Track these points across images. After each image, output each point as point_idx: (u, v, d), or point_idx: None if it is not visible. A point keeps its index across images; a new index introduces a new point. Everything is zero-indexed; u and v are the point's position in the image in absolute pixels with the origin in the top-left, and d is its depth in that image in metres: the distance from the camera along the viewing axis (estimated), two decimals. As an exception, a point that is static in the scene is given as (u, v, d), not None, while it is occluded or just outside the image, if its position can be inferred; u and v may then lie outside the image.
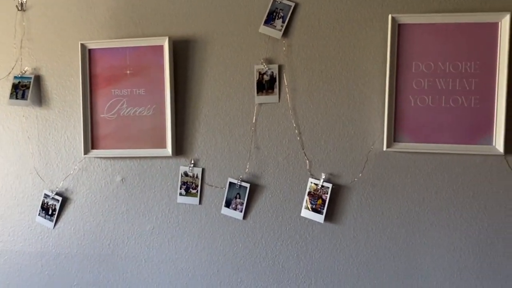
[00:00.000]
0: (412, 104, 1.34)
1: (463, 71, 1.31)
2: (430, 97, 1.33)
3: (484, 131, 1.30)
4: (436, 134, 1.33)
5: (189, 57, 1.51)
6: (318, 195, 1.40)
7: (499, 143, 1.28)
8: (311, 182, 1.42)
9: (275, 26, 1.44)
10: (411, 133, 1.34)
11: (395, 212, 1.37)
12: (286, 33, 1.43)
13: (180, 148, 1.52)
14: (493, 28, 1.28)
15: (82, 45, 1.55)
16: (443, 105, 1.32)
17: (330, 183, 1.40)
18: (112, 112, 1.56)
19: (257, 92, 1.47)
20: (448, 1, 1.32)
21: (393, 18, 1.32)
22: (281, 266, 1.45)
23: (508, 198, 1.30)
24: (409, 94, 1.34)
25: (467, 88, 1.31)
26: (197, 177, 1.51)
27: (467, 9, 1.31)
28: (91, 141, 1.57)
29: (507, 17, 1.25)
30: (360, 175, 1.38)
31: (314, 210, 1.40)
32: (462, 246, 1.33)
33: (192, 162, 1.51)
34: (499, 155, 1.29)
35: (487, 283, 1.32)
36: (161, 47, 1.51)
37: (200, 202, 1.51)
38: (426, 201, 1.35)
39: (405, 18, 1.33)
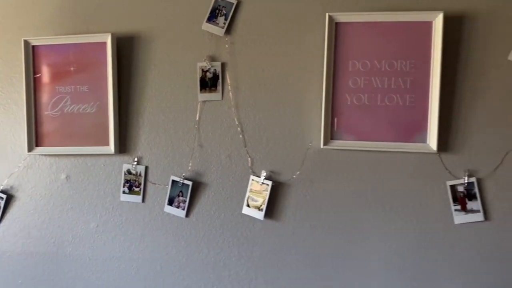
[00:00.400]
0: (349, 103, 1.35)
1: (398, 69, 1.32)
2: (366, 95, 1.34)
3: (418, 129, 1.32)
4: (372, 132, 1.34)
5: (133, 54, 1.50)
6: (259, 192, 1.41)
7: (433, 141, 1.30)
8: (253, 180, 1.42)
9: (218, 24, 1.44)
10: (347, 131, 1.36)
11: (332, 209, 1.38)
12: (229, 31, 1.43)
13: (123, 145, 1.51)
14: (427, 27, 1.30)
15: (26, 42, 1.53)
16: (378, 103, 1.34)
17: (270, 180, 1.40)
18: (56, 109, 1.55)
19: (200, 90, 1.46)
20: (381, 0, 1.33)
21: (330, 17, 1.33)
22: (222, 263, 1.46)
23: (441, 194, 1.32)
24: (345, 93, 1.35)
25: (402, 87, 1.32)
26: (140, 175, 1.51)
27: (402, 8, 1.32)
28: (36, 139, 1.56)
29: (440, 16, 1.27)
30: (298, 172, 1.39)
31: (255, 207, 1.40)
32: (398, 243, 1.35)
33: (136, 159, 1.51)
34: (433, 153, 1.30)
35: (421, 279, 1.34)
36: (104, 44, 1.49)
37: (143, 200, 1.50)
38: (362, 198, 1.36)
39: (342, 17, 1.33)
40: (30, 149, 1.55)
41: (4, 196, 1.59)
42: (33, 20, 1.55)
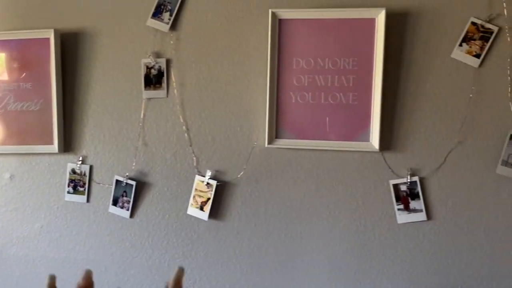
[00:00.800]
0: (293, 101, 1.33)
1: (341, 67, 1.31)
2: (310, 93, 1.32)
3: (361, 128, 1.30)
4: (316, 130, 1.33)
5: (78, 50, 1.47)
6: (204, 192, 1.38)
7: (375, 140, 1.28)
8: (198, 179, 1.39)
9: (163, 19, 1.41)
10: (292, 130, 1.34)
11: (277, 208, 1.36)
12: (174, 27, 1.40)
13: (68, 144, 1.48)
14: (370, 24, 1.28)
15: (-34, 37, 1.48)
16: (322, 101, 1.32)
17: (216, 180, 1.38)
18: (-1, 107, 1.50)
19: (145, 87, 1.43)
20: (327, -4, 1.31)
21: (273, 13, 1.31)
22: (167, 264, 1.43)
23: (384, 193, 1.30)
24: (290, 91, 1.33)
25: (346, 85, 1.31)
26: (84, 174, 1.47)
27: (346, 4, 1.30)
28: (-21, 137, 1.51)
29: (383, 12, 1.25)
30: (243, 172, 1.36)
31: (200, 207, 1.38)
32: (341, 242, 1.34)
33: (80, 159, 1.47)
34: (375, 152, 1.29)
35: (364, 279, 1.33)
36: (47, 40, 1.46)
37: (88, 200, 1.47)
38: (307, 197, 1.35)
39: (285, 13, 1.31)
40: (-28, 148, 1.50)
41: None
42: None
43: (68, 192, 1.48)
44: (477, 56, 1.25)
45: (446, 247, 1.29)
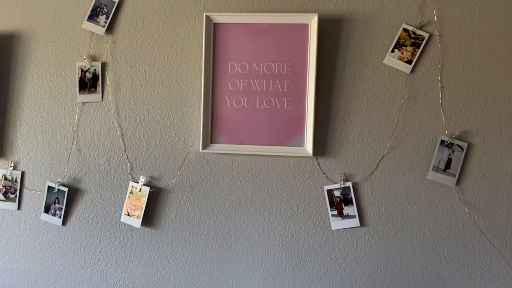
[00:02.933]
0: (228, 105, 1.31)
1: (276, 72, 1.30)
2: (245, 98, 1.31)
3: (296, 133, 1.29)
4: (251, 135, 1.31)
5: (12, 53, 1.43)
6: (137, 198, 1.35)
7: (309, 145, 1.27)
8: (132, 186, 1.36)
9: (99, 22, 1.38)
10: (227, 135, 1.31)
11: (212, 215, 1.33)
12: (110, 30, 1.38)
13: (-1, 149, 1.42)
14: (303, 29, 1.28)
15: None
16: (257, 106, 1.31)
17: (149, 186, 1.34)
18: None
19: (79, 91, 1.40)
20: (263, 1, 1.30)
21: (207, 17, 1.29)
22: (99, 274, 1.38)
23: (319, 199, 1.29)
24: (225, 95, 1.31)
25: (280, 90, 1.30)
26: (16, 180, 1.42)
27: (280, 9, 1.30)
28: None
29: (315, 18, 1.25)
30: (176, 178, 1.33)
31: (133, 215, 1.34)
32: (276, 249, 1.32)
33: (12, 164, 1.42)
34: (309, 157, 1.28)
35: (298, 284, 1.31)
36: (-22, 42, 1.40)
37: (19, 208, 1.42)
38: (242, 204, 1.32)
39: (220, 17, 1.30)
40: None
41: None
42: None
43: (-2, 199, 1.42)
44: (409, 62, 1.26)
45: (379, 253, 1.28)
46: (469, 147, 1.25)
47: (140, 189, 1.34)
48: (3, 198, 1.43)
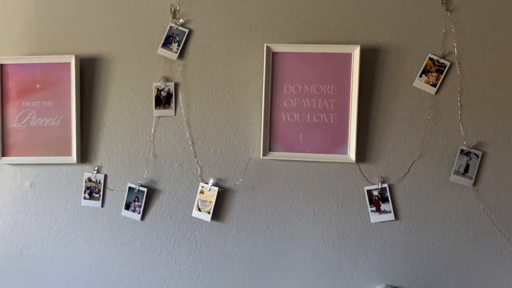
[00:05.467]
0: (284, 120, 1.59)
1: (324, 93, 1.57)
2: (298, 114, 1.58)
3: (341, 143, 1.57)
4: (303, 145, 1.58)
5: (95, 73, 1.68)
6: (207, 197, 1.61)
7: (352, 153, 1.54)
8: (202, 186, 1.62)
9: (172, 49, 1.65)
10: (283, 144, 1.59)
11: (270, 211, 1.60)
12: (181, 55, 1.64)
13: (84, 156, 1.68)
14: (347, 57, 1.55)
15: (-6, 60, 1.67)
16: (308, 121, 1.58)
17: (217, 186, 1.61)
18: (22, 122, 1.69)
19: (155, 106, 1.66)
20: (313, 33, 1.58)
21: (267, 47, 1.56)
22: (173, 261, 1.64)
23: (360, 198, 1.56)
24: (281, 111, 1.58)
25: (327, 107, 1.57)
26: (99, 182, 1.68)
27: (328, 41, 1.57)
28: (2, 149, 1.69)
29: (358, 49, 1.52)
30: (241, 179, 1.60)
31: (203, 211, 1.61)
32: (323, 240, 1.59)
33: (96, 168, 1.68)
34: (352, 163, 1.55)
35: (343, 271, 1.58)
36: (68, 64, 1.66)
37: (102, 205, 1.67)
38: (295, 202, 1.59)
39: (278, 47, 1.57)
40: (-4, 159, 1.68)
41: (-30, 203, 1.71)
42: (3, 40, 1.70)
43: (84, 198, 1.68)
44: (434, 85, 1.55)
45: (410, 242, 1.56)
46: (484, 155, 1.53)
47: (210, 189, 1.61)
48: (88, 197, 1.68)
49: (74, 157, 1.65)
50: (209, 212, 1.60)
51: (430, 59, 1.54)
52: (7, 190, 1.70)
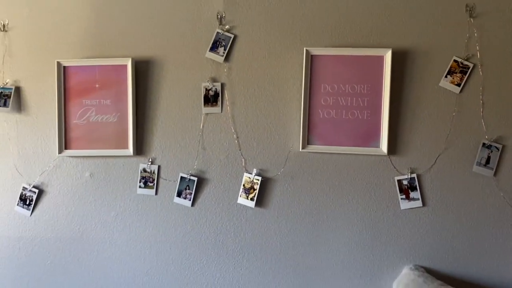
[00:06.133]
0: (321, 116, 1.76)
1: (358, 91, 1.74)
2: (334, 111, 1.75)
3: (373, 137, 1.73)
4: (338, 139, 1.75)
5: (148, 74, 1.86)
6: (251, 186, 1.79)
7: (384, 146, 1.71)
8: (246, 176, 1.80)
9: (218, 53, 1.83)
10: (320, 138, 1.76)
11: (308, 198, 1.78)
12: (227, 58, 1.82)
13: (140, 149, 1.86)
14: (380, 60, 1.72)
15: (58, 63, 1.87)
16: (343, 117, 1.75)
17: (260, 176, 1.79)
18: (83, 119, 1.88)
19: (204, 104, 1.84)
20: (348, 38, 1.75)
21: (307, 51, 1.74)
22: (221, 242, 1.83)
23: (390, 187, 1.73)
24: (318, 108, 1.76)
25: (361, 105, 1.74)
26: (154, 172, 1.86)
27: (361, 44, 1.74)
28: (64, 143, 1.88)
29: (389, 52, 1.69)
30: (282, 170, 1.78)
31: (247, 198, 1.79)
32: (357, 224, 1.76)
33: (150, 160, 1.86)
34: (384, 155, 1.73)
35: (376, 252, 1.76)
36: (125, 66, 1.85)
37: (156, 193, 1.86)
38: (331, 190, 1.77)
39: (316, 51, 1.74)
40: (60, 151, 1.87)
41: (36, 191, 1.91)
42: (63, 44, 1.89)
43: (140, 187, 1.87)
44: (458, 85, 1.71)
45: (436, 227, 1.73)
46: (503, 148, 1.69)
47: (253, 179, 1.79)
48: (143, 186, 1.87)
49: (130, 150, 1.84)
50: (253, 199, 1.77)
51: (455, 61, 1.70)
52: (69, 180, 1.89)
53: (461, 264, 1.71)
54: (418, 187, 1.71)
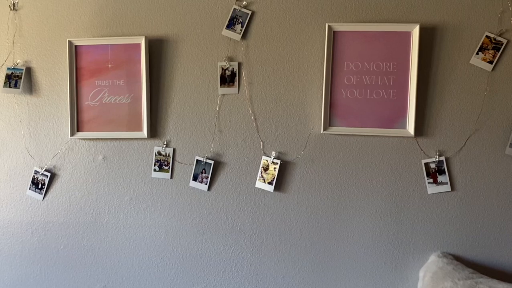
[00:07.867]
0: (344, 96, 1.67)
1: (383, 70, 1.65)
2: (358, 90, 1.67)
3: (399, 118, 1.65)
4: (362, 120, 1.67)
5: (162, 54, 1.79)
6: (269, 169, 1.72)
7: (410, 127, 1.62)
8: (264, 159, 1.73)
9: (235, 30, 1.75)
10: (342, 119, 1.68)
11: (329, 182, 1.70)
12: (244, 36, 1.74)
13: (154, 131, 1.80)
14: (407, 36, 1.63)
15: (70, 42, 1.80)
16: (368, 97, 1.66)
17: (279, 159, 1.71)
18: (95, 100, 1.82)
19: (220, 85, 1.76)
20: (373, 12, 1.66)
21: (329, 26, 1.65)
22: (238, 228, 1.76)
23: (417, 170, 1.65)
24: (341, 88, 1.67)
25: (387, 84, 1.65)
26: (169, 155, 1.80)
27: (387, 20, 1.65)
28: (77, 125, 1.83)
29: (417, 27, 1.60)
30: (302, 152, 1.71)
31: (266, 182, 1.72)
32: (382, 210, 1.68)
33: (165, 143, 1.80)
34: (410, 137, 1.64)
35: (401, 238, 1.68)
36: (138, 45, 1.78)
37: (171, 177, 1.80)
38: (354, 174, 1.69)
39: (339, 26, 1.65)
40: (72, 133, 1.82)
41: (49, 174, 1.86)
42: (75, 23, 1.82)
43: (154, 170, 1.81)
44: (490, 62, 1.61)
45: (466, 211, 1.64)
46: (539, 129, 1.59)
47: (272, 162, 1.71)
48: (158, 169, 1.81)
49: (144, 132, 1.77)
50: (271, 183, 1.70)
51: (487, 37, 1.60)
52: (82, 163, 1.84)
53: (491, 252, 1.63)
54: (446, 171, 1.62)
